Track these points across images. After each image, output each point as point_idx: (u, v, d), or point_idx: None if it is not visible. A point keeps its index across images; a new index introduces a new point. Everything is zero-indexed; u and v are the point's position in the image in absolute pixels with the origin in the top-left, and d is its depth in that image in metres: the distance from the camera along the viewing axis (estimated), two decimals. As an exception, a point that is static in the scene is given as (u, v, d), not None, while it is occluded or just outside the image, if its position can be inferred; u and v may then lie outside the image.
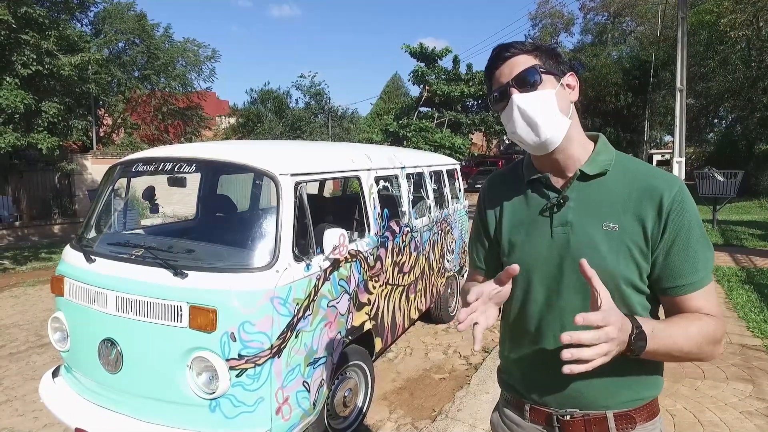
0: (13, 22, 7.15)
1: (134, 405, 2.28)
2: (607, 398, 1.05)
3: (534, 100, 1.03)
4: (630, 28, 30.32)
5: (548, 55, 1.07)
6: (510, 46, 1.07)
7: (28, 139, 7.82)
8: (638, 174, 1.06)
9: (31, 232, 11.20)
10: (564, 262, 1.05)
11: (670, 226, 1.00)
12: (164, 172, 2.63)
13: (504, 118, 1.09)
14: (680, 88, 10.94)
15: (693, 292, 1.01)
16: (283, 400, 2.27)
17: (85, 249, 2.55)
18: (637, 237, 1.02)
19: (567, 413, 1.07)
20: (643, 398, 1.07)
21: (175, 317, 2.13)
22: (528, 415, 1.13)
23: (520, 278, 1.10)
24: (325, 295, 2.57)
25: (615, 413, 1.05)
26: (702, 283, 1.01)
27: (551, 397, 1.09)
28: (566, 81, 1.08)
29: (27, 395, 3.52)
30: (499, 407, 1.25)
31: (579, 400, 1.06)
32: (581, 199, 1.07)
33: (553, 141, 1.05)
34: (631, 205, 1.02)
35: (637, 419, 1.06)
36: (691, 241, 1.00)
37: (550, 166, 1.11)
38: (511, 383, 1.19)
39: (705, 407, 3.09)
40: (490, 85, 1.12)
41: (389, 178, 3.64)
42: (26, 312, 5.61)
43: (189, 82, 15.70)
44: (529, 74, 1.04)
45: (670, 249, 1.01)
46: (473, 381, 3.64)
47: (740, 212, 13.31)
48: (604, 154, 1.09)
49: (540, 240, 1.09)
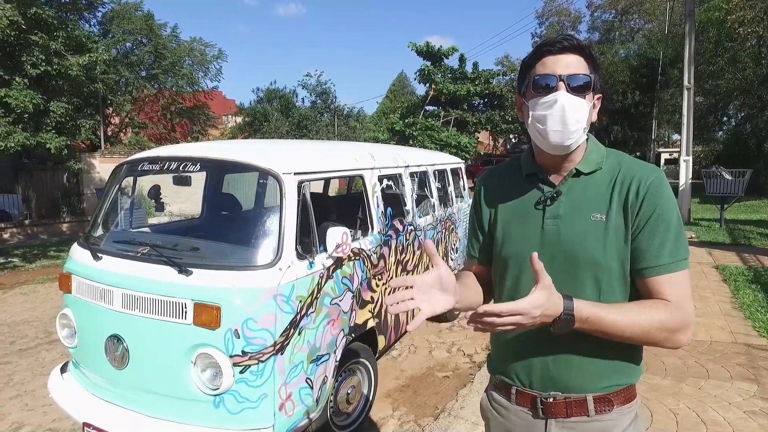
0: (23, 23, 7.23)
1: (140, 400, 2.31)
2: (588, 383, 1.12)
3: (577, 106, 1.07)
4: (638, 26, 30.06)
5: (596, 68, 1.12)
6: (574, 39, 1.10)
7: (37, 138, 7.90)
8: (623, 165, 1.13)
9: (40, 230, 11.32)
10: (554, 253, 1.11)
11: (643, 208, 1.06)
12: (169, 171, 2.66)
13: (536, 104, 1.10)
14: (688, 86, 10.86)
15: (655, 276, 1.06)
16: (286, 397, 2.29)
17: (92, 247, 2.59)
18: (620, 225, 1.08)
19: (550, 396, 1.14)
20: (620, 384, 1.13)
21: (180, 314, 2.17)
22: (514, 398, 1.20)
23: (511, 268, 1.18)
24: (328, 292, 2.59)
25: (594, 396, 1.11)
26: (666, 269, 1.05)
27: (536, 381, 1.16)
28: (595, 100, 1.14)
29: (36, 390, 3.58)
30: (488, 391, 1.33)
31: (562, 384, 1.13)
32: (572, 193, 1.14)
33: (570, 148, 1.11)
34: (616, 195, 1.09)
35: (614, 402, 1.12)
36: (660, 226, 1.06)
37: (551, 163, 1.16)
38: (500, 368, 1.25)
39: (708, 407, 3.08)
40: (534, 63, 1.11)
41: (393, 176, 3.65)
42: (35, 309, 5.69)
43: (196, 81, 15.79)
44: (583, 80, 1.08)
45: (640, 232, 1.07)
46: (476, 379, 3.65)
47: (748, 211, 13.19)
48: (595, 153, 1.16)
49: (532, 231, 1.15)
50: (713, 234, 9.41)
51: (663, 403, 3.14)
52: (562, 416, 1.13)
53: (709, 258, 7.36)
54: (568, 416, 1.12)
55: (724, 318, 4.70)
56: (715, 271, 6.52)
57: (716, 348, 3.99)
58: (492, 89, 19.76)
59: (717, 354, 3.87)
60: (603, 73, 1.18)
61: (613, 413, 1.11)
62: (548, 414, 1.14)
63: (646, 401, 3.13)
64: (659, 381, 3.43)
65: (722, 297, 5.38)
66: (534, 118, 1.10)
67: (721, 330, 4.38)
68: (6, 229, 10.80)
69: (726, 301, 5.25)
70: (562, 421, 1.13)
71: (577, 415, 1.12)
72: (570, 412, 1.12)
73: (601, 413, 1.11)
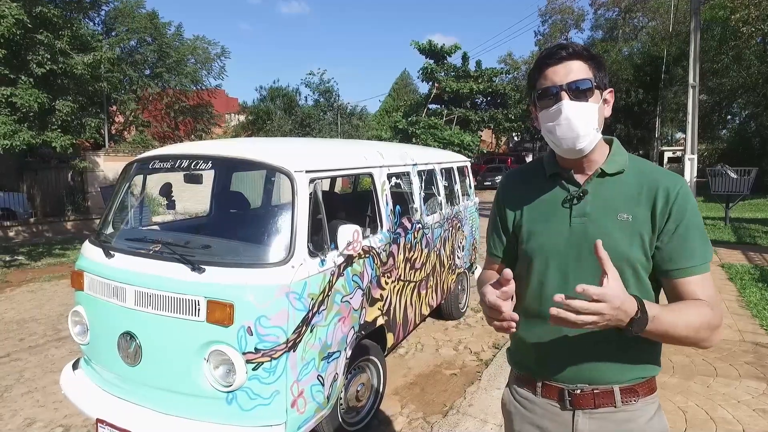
0: (29, 21, 7.24)
1: (153, 397, 2.33)
2: (615, 375, 1.16)
3: (582, 111, 1.11)
4: (641, 24, 29.95)
5: (599, 67, 1.15)
6: (570, 47, 1.14)
7: (43, 137, 7.93)
8: (649, 172, 1.18)
9: (45, 228, 11.36)
10: (581, 250, 1.15)
11: (674, 215, 1.12)
12: (180, 170, 2.67)
13: (544, 116, 1.16)
14: (693, 84, 10.82)
15: (689, 277, 1.11)
16: (298, 394, 2.30)
17: (103, 244, 2.60)
18: (646, 226, 1.13)
19: (578, 387, 1.17)
20: (644, 376, 1.18)
21: (193, 311, 2.18)
22: (540, 391, 1.23)
23: (537, 263, 1.20)
24: (339, 290, 2.60)
25: (621, 387, 1.16)
26: (697, 270, 1.11)
27: (564, 374, 1.19)
28: (606, 96, 1.18)
29: (47, 387, 3.60)
30: (510, 385, 1.34)
31: (590, 376, 1.17)
32: (599, 193, 1.17)
33: (584, 151, 1.15)
34: (644, 199, 1.14)
35: (640, 392, 1.17)
36: (690, 231, 1.12)
37: (573, 164, 1.21)
38: (524, 362, 1.28)
39: (717, 404, 3.08)
40: (537, 76, 1.17)
41: (401, 175, 3.66)
42: (43, 306, 5.72)
43: (199, 80, 15.80)
44: (583, 85, 1.11)
45: (671, 236, 1.12)
46: (484, 377, 3.66)
47: (754, 210, 13.16)
48: (619, 156, 1.20)
49: (559, 229, 1.18)
50: (718, 233, 9.38)
51: (671, 400, 3.14)
52: (589, 407, 1.16)
53: (714, 257, 7.35)
54: (595, 407, 1.16)
55: (731, 316, 4.69)
56: (721, 270, 6.51)
57: (723, 346, 3.98)
58: (495, 87, 19.77)
59: (724, 352, 3.87)
60: (607, 68, 1.20)
61: (638, 403, 1.16)
62: (576, 405, 1.17)
63: (655, 399, 3.13)
64: (667, 379, 3.43)
65: (728, 295, 5.38)
66: (545, 129, 1.17)
67: (728, 328, 4.37)
68: (11, 227, 10.84)
69: (732, 299, 5.25)
70: (589, 411, 1.17)
71: (604, 405, 1.16)
72: (597, 403, 1.16)
73: (627, 403, 1.15)
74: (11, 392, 3.55)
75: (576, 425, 1.17)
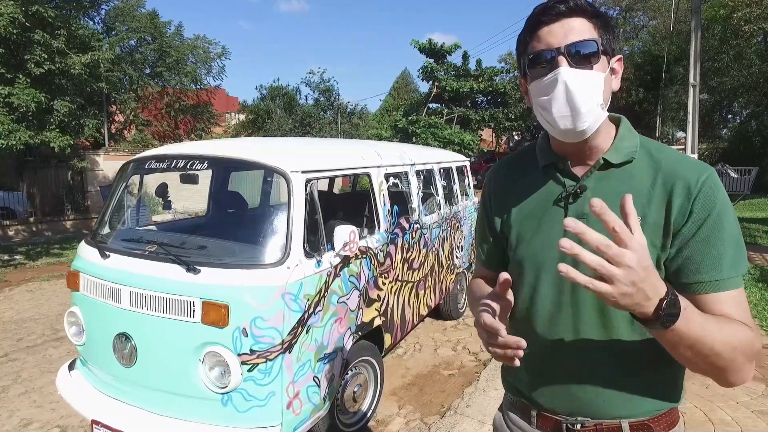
0: (25, 20, 7.21)
1: (148, 398, 2.32)
2: (623, 407, 0.95)
3: (585, 81, 0.88)
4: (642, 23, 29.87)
5: (607, 27, 0.91)
6: (570, 0, 0.89)
7: (41, 137, 7.90)
8: (664, 160, 0.93)
9: (44, 227, 11.36)
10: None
11: (696, 213, 0.87)
12: (177, 169, 2.66)
13: (536, 88, 0.93)
14: (693, 83, 10.80)
15: (716, 293, 0.86)
16: (294, 395, 2.29)
17: (99, 245, 2.59)
18: (660, 229, 0.90)
19: (578, 422, 0.98)
20: (660, 409, 0.96)
21: (188, 312, 2.17)
22: (535, 421, 1.05)
23: (528, 274, 1.01)
24: (336, 291, 2.59)
25: (631, 422, 0.95)
26: (727, 284, 0.86)
27: (561, 403, 1.00)
28: (614, 64, 0.94)
29: (44, 387, 3.59)
30: (503, 409, 1.17)
31: (591, 408, 0.97)
32: (602, 189, 0.94)
33: (586, 133, 0.91)
34: (656, 194, 0.91)
35: (654, 428, 0.95)
36: (717, 233, 0.86)
37: (571, 150, 0.98)
38: (517, 386, 1.09)
39: (716, 406, 3.07)
40: (528, 38, 0.93)
41: (399, 174, 3.64)
42: (41, 306, 5.71)
43: (199, 79, 15.80)
44: (588, 47, 0.88)
45: (692, 239, 0.88)
46: (482, 377, 3.65)
47: (754, 209, 13.12)
48: (628, 140, 0.96)
49: (552, 233, 0.97)
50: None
51: (670, 402, 3.13)
52: None
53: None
54: None
55: (730, 317, 4.68)
56: (721, 270, 6.48)
57: (723, 347, 3.97)
58: (495, 86, 19.74)
59: (724, 353, 3.85)
60: (618, 32, 0.93)
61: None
62: None
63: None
64: (666, 380, 3.42)
65: (728, 295, 5.36)
66: (538, 104, 0.93)
67: (728, 329, 4.36)
68: (11, 226, 10.84)
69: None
70: None
71: None
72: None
73: None
74: (8, 393, 3.54)
75: None
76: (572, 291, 0.96)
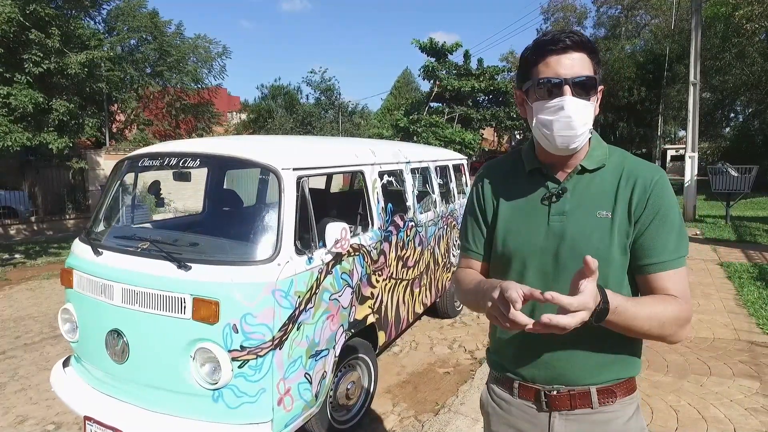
0: (23, 19, 7.18)
1: (140, 394, 2.33)
2: (591, 376, 1.13)
3: (583, 109, 1.06)
4: (644, 21, 29.81)
5: (598, 62, 1.10)
6: (575, 34, 1.06)
7: (40, 138, 7.84)
8: (627, 165, 1.14)
9: (46, 226, 11.40)
10: (559, 250, 1.11)
11: (649, 206, 1.08)
12: (169, 167, 2.67)
13: (539, 107, 1.08)
14: (694, 81, 10.77)
15: (661, 272, 1.08)
16: (285, 392, 2.30)
17: (93, 242, 2.60)
18: (624, 222, 1.10)
19: (554, 389, 1.15)
20: (622, 377, 1.15)
21: (179, 309, 2.18)
22: (517, 391, 1.21)
23: (515, 264, 1.17)
24: (327, 288, 2.60)
25: (597, 388, 1.13)
26: (670, 265, 1.08)
27: (540, 374, 1.16)
28: (598, 92, 1.12)
29: (40, 384, 3.61)
30: (488, 384, 1.31)
31: (565, 377, 1.14)
32: (578, 190, 1.14)
33: (575, 150, 1.11)
34: (622, 194, 1.10)
35: (617, 393, 1.14)
36: (666, 224, 1.08)
37: (555, 159, 1.16)
38: (502, 362, 1.25)
39: (710, 404, 3.07)
40: (537, 62, 1.08)
41: (394, 172, 3.65)
42: (41, 304, 5.74)
43: (200, 78, 15.82)
44: (589, 82, 1.06)
45: (646, 229, 1.09)
46: (477, 375, 3.65)
47: (755, 208, 13.09)
48: (599, 150, 1.16)
49: (537, 228, 1.14)
50: (718, 231, 9.34)
51: (664, 399, 3.13)
52: (566, 408, 1.14)
53: (713, 255, 7.32)
54: (572, 408, 1.14)
55: (727, 315, 4.67)
56: (720, 268, 6.47)
57: (719, 345, 3.96)
58: (497, 85, 19.68)
59: (719, 351, 3.85)
60: (603, 64, 1.14)
61: (616, 404, 1.14)
62: (552, 407, 1.15)
63: (647, 398, 3.12)
64: (661, 378, 3.42)
65: (726, 294, 5.35)
66: (539, 122, 1.09)
67: (725, 327, 4.35)
68: (12, 225, 10.88)
69: (730, 298, 5.22)
70: (566, 413, 1.15)
71: (581, 407, 1.14)
72: (574, 404, 1.14)
73: (605, 404, 1.13)
74: (5, 389, 3.56)
75: (552, 427, 1.15)
76: (554, 278, 1.11)
